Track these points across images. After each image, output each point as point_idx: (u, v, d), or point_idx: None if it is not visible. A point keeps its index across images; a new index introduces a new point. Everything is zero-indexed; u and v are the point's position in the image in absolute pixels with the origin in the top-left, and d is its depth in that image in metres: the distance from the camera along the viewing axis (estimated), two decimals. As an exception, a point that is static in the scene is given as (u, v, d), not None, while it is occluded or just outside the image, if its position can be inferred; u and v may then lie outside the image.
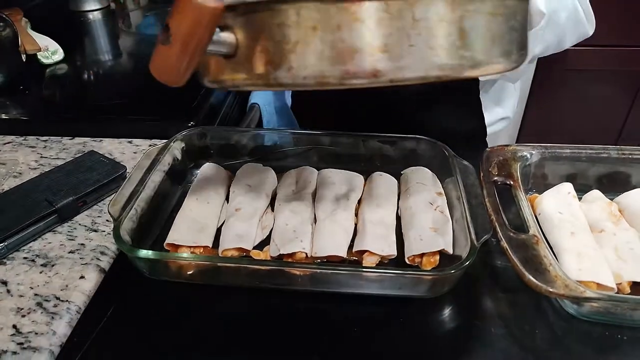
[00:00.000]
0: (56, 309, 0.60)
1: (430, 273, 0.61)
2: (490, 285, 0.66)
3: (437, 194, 0.75)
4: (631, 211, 0.72)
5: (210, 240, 0.70)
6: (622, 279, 0.62)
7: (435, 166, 0.81)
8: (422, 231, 0.68)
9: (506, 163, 0.75)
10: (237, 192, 0.77)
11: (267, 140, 0.88)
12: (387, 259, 0.67)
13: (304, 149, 0.88)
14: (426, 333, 0.60)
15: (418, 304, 0.63)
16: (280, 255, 0.66)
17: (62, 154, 0.89)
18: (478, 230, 0.63)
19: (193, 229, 0.69)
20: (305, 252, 0.66)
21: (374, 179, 0.80)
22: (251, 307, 0.64)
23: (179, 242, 0.67)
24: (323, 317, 0.62)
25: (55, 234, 0.71)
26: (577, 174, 0.79)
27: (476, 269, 0.68)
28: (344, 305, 0.63)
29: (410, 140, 0.83)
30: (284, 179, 0.81)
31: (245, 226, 0.70)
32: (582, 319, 0.60)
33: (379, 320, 0.62)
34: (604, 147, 0.78)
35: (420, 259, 0.66)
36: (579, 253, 0.64)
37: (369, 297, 0.64)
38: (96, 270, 0.65)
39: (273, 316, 0.63)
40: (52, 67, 1.22)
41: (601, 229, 0.69)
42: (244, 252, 0.68)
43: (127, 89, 1.15)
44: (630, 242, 0.66)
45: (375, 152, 0.86)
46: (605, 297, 0.56)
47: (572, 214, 0.71)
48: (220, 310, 0.64)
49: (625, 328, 0.60)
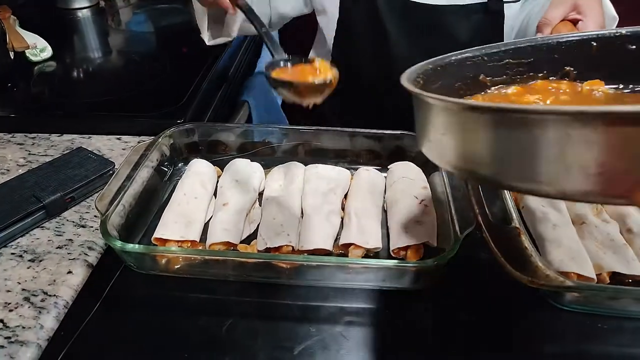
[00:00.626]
0: (43, 304, 0.60)
1: (414, 264, 0.62)
2: (474, 276, 0.67)
3: (423, 188, 0.76)
4: (612, 204, 0.74)
5: (198, 235, 0.70)
6: (602, 269, 0.63)
7: (421, 161, 0.82)
8: (407, 224, 0.69)
9: (490, 157, 0.76)
10: (225, 187, 0.77)
11: (255, 136, 0.89)
12: (373, 252, 0.68)
13: (292, 145, 0.88)
14: (410, 324, 0.61)
15: (403, 296, 0.64)
16: (267, 248, 0.67)
17: (50, 150, 0.89)
18: (462, 223, 0.64)
19: (181, 224, 0.70)
20: (292, 245, 0.67)
21: (361, 173, 0.80)
22: (239, 300, 0.64)
23: (166, 236, 0.67)
24: (310, 311, 0.62)
25: (43, 229, 0.71)
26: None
27: (460, 261, 0.69)
28: (331, 299, 0.64)
29: (396, 135, 0.84)
30: (271, 174, 0.82)
31: (233, 220, 0.70)
32: (564, 309, 0.62)
33: (365, 314, 0.62)
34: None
35: (405, 252, 0.67)
36: (560, 245, 0.65)
37: (355, 291, 0.65)
38: (84, 265, 0.66)
39: (260, 310, 0.63)
40: (40, 65, 1.22)
41: (582, 221, 0.70)
42: (231, 246, 0.68)
43: (116, 86, 1.15)
44: (611, 234, 0.68)
45: (362, 148, 0.87)
46: (585, 286, 0.57)
47: (554, 207, 0.72)
48: (208, 304, 0.64)
49: (606, 317, 0.61)
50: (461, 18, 0.92)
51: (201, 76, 1.14)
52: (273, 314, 0.62)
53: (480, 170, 0.42)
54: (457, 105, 0.42)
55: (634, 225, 0.69)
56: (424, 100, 0.44)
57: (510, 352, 0.59)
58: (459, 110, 0.42)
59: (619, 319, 0.61)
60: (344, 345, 0.58)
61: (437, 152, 0.46)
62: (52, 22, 1.53)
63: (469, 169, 0.43)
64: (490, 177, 0.41)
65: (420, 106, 0.46)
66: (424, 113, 0.46)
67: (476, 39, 0.95)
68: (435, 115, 0.44)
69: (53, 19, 1.57)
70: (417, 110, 0.47)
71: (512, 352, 0.59)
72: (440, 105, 0.43)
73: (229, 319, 0.61)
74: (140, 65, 1.24)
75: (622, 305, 0.60)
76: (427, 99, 0.43)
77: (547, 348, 0.59)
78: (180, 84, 1.10)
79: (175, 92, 1.06)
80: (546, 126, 0.34)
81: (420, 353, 0.58)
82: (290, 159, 0.86)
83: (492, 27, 0.94)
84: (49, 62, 1.24)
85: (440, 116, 0.44)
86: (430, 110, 0.45)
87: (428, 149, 0.47)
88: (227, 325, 0.60)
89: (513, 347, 0.59)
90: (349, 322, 0.61)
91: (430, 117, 0.45)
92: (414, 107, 0.48)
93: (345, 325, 0.61)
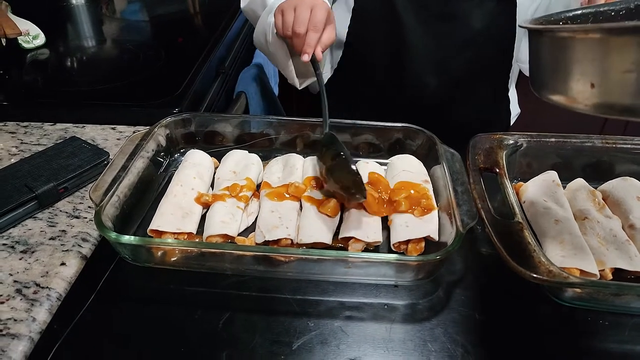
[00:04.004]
0: (36, 296, 0.58)
1: (416, 259, 0.61)
2: (476, 271, 0.66)
3: (424, 181, 0.74)
4: (614, 199, 0.73)
5: (195, 227, 0.69)
6: (604, 265, 0.62)
7: (422, 154, 0.81)
8: (407, 218, 0.68)
9: (492, 151, 0.75)
10: (222, 178, 0.76)
11: (253, 127, 0.87)
12: (373, 246, 0.67)
13: (291, 137, 0.87)
14: (410, 319, 0.60)
15: (403, 290, 0.63)
16: (265, 242, 0.66)
17: (43, 139, 0.87)
18: (464, 217, 0.63)
19: (177, 215, 0.68)
20: (291, 238, 0.66)
21: (361, 166, 0.79)
22: (237, 294, 0.63)
23: (162, 228, 0.66)
24: (309, 305, 0.61)
25: (36, 220, 0.70)
26: (562, 162, 0.79)
27: (462, 256, 0.68)
28: (330, 294, 0.63)
29: (397, 128, 0.82)
30: (269, 166, 0.80)
31: (231, 213, 0.69)
32: (566, 305, 0.61)
33: (364, 308, 0.61)
34: (588, 136, 0.78)
35: (405, 246, 0.66)
36: (562, 240, 0.65)
37: (354, 285, 0.64)
38: (77, 257, 0.64)
39: (258, 304, 0.62)
40: (33, 52, 1.19)
41: (585, 217, 0.69)
42: (228, 239, 0.67)
43: (110, 75, 1.12)
44: (614, 230, 0.67)
45: (362, 140, 0.86)
46: (588, 282, 0.57)
47: (556, 202, 0.71)
48: (205, 297, 0.63)
49: (607, 313, 0.61)
50: (474, 5, 0.92)
51: (197, 66, 1.12)
52: (271, 308, 0.61)
53: None
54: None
55: (636, 221, 0.68)
56: (587, 37, 0.42)
57: (511, 347, 0.58)
58: None
59: (619, 315, 0.60)
60: (344, 340, 0.57)
61: (610, 95, 0.43)
62: (45, 9, 1.50)
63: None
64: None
65: (575, 46, 0.44)
66: (584, 54, 0.43)
67: (491, 26, 0.94)
68: (614, 50, 0.41)
69: (46, 5, 1.54)
70: (553, 51, 0.46)
71: (513, 347, 0.58)
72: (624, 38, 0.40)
73: (226, 312, 0.60)
74: (135, 55, 1.22)
75: (624, 302, 0.59)
76: (595, 33, 0.42)
77: (548, 343, 0.58)
78: (176, 74, 1.08)
79: (171, 82, 1.04)
80: None
81: (420, 349, 0.57)
82: (288, 151, 0.85)
83: (505, 14, 0.94)
84: (42, 50, 1.22)
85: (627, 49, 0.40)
86: (597, 47, 0.42)
87: (562, 92, 0.45)
88: (224, 319, 0.59)
89: (514, 342, 0.59)
90: (348, 316, 0.60)
91: (606, 55, 0.42)
92: (541, 53, 0.47)
93: (344, 320, 0.60)
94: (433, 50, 0.97)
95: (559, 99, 0.46)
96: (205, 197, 0.71)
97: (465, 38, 0.96)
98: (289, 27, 0.77)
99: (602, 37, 0.42)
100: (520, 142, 0.78)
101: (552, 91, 0.47)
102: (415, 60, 0.98)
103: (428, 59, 0.98)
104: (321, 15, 0.76)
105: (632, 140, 0.78)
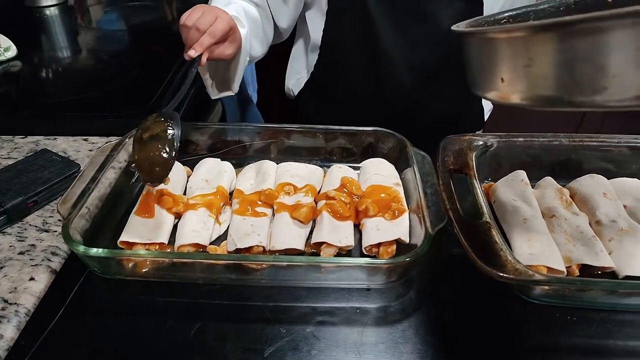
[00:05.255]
0: (4, 313, 0.58)
1: (385, 262, 0.61)
2: (447, 272, 0.67)
3: (395, 184, 0.75)
4: (581, 196, 0.74)
5: (166, 237, 0.68)
6: (571, 262, 0.63)
7: (394, 157, 0.81)
8: (378, 221, 0.69)
9: (462, 152, 0.76)
10: (195, 187, 0.76)
11: (227, 135, 0.87)
12: (345, 250, 0.68)
13: (264, 144, 0.87)
14: (382, 322, 0.60)
15: (376, 293, 0.64)
16: (237, 249, 0.66)
17: (13, 153, 0.86)
18: (433, 218, 0.64)
19: (148, 226, 0.68)
20: (263, 245, 0.66)
21: (333, 171, 0.80)
22: (208, 303, 0.63)
23: (132, 239, 0.65)
24: (281, 312, 0.61)
25: (5, 235, 0.69)
26: (531, 161, 0.81)
27: (434, 257, 0.68)
28: (303, 299, 0.63)
29: (368, 132, 0.83)
30: (242, 173, 0.80)
31: (202, 221, 0.69)
32: (535, 302, 0.62)
33: (336, 313, 0.62)
34: (555, 135, 0.80)
35: (377, 249, 0.67)
36: (530, 238, 0.66)
37: (327, 290, 0.64)
38: (47, 272, 0.64)
39: (230, 312, 0.62)
40: (4, 65, 1.18)
41: (552, 215, 0.70)
42: (200, 248, 0.67)
43: (84, 85, 1.11)
44: (580, 226, 0.68)
45: (335, 145, 0.86)
46: (553, 279, 0.58)
47: (525, 201, 0.72)
48: (176, 307, 0.62)
49: (575, 309, 0.62)
50: (444, 6, 0.93)
51: (172, 74, 1.12)
52: (243, 316, 0.61)
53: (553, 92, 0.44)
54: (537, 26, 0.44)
55: (602, 217, 0.69)
56: (493, 37, 0.47)
57: (482, 346, 0.59)
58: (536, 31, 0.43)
59: (587, 311, 0.61)
60: (315, 346, 0.57)
61: (516, 88, 0.47)
62: (17, 21, 1.49)
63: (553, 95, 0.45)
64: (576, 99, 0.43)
65: (486, 46, 0.49)
66: (492, 53, 0.48)
67: None
68: (519, 47, 0.45)
69: (19, 17, 1.53)
70: (481, 52, 0.50)
71: (483, 346, 0.59)
72: (523, 34, 0.45)
73: (197, 322, 0.60)
74: (110, 64, 1.21)
75: (591, 297, 0.60)
76: (498, 33, 0.47)
77: (518, 341, 0.59)
78: (150, 83, 1.08)
79: (146, 91, 1.04)
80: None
81: (392, 351, 0.57)
82: (262, 158, 0.85)
83: (473, 14, 0.95)
84: (14, 62, 1.20)
85: (533, 45, 0.44)
86: (505, 45, 0.47)
87: (495, 89, 0.49)
88: (195, 328, 0.59)
89: (484, 341, 0.59)
90: (320, 322, 0.61)
91: (508, 53, 0.46)
92: (470, 55, 0.51)
93: (316, 325, 0.60)
94: (406, 51, 0.99)
95: (489, 96, 0.50)
96: (176, 207, 0.71)
97: (437, 38, 0.97)
98: (191, 20, 0.78)
99: (500, 38, 0.47)
100: (490, 142, 0.79)
101: (481, 89, 0.51)
102: (389, 61, 0.99)
103: (401, 59, 0.99)
104: (221, 26, 0.79)
105: (598, 138, 0.79)
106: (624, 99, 0.41)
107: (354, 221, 0.71)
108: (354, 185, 0.75)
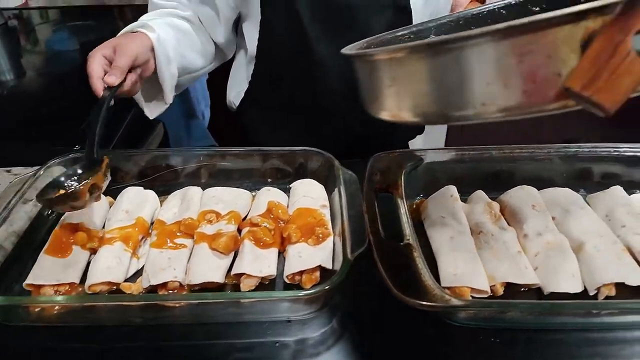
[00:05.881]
0: None
1: (292, 294, 0.59)
2: (370, 297, 0.64)
3: (322, 207, 0.73)
4: (511, 209, 0.73)
5: (78, 276, 0.65)
6: (495, 280, 0.62)
7: (324, 176, 0.79)
8: (302, 247, 0.66)
9: (390, 171, 0.75)
10: (114, 219, 0.72)
11: (155, 161, 0.84)
12: (268, 280, 0.65)
13: (195, 168, 0.84)
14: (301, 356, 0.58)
15: (297, 325, 0.61)
16: (152, 286, 0.62)
17: None
18: (353, 243, 0.62)
19: (59, 265, 0.64)
20: (179, 280, 0.63)
21: (261, 195, 0.77)
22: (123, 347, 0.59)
23: (39, 281, 0.62)
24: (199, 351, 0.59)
25: None
26: (464, 175, 0.79)
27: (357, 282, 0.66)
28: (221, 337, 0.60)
29: (298, 152, 0.81)
30: (167, 201, 0.77)
31: (118, 257, 0.66)
32: (458, 325, 0.60)
33: (256, 348, 0.59)
34: (485, 147, 0.79)
35: (300, 277, 0.65)
36: (455, 257, 0.64)
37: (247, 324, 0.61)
38: (-55, 321, 0.60)
39: (144, 354, 0.59)
40: None
41: (480, 231, 0.69)
42: (114, 286, 0.64)
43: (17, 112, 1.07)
44: (507, 242, 0.67)
45: (269, 166, 0.84)
46: (470, 303, 0.56)
47: (454, 217, 0.71)
48: (90, 352, 0.59)
49: (502, 330, 0.60)
50: (374, 15, 0.93)
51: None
52: (159, 358, 0.58)
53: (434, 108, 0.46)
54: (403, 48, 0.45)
55: (529, 231, 0.68)
56: (369, 58, 0.50)
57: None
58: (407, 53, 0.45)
59: (512, 331, 0.60)
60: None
61: (392, 105, 0.49)
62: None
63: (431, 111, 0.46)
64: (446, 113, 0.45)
65: (369, 67, 0.51)
66: (375, 73, 0.50)
67: None
68: (395, 67, 0.47)
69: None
70: (367, 73, 0.52)
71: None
72: (389, 56, 0.47)
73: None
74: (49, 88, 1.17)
75: (513, 318, 0.59)
76: (374, 54, 0.50)
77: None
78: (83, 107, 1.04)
79: (78, 116, 1.00)
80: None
81: (310, 387, 0.55)
82: (193, 183, 0.82)
83: (403, 22, 0.95)
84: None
85: (407, 64, 0.46)
86: (382, 64, 0.48)
87: (384, 108, 0.51)
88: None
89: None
90: (239, 358, 0.58)
91: (387, 73, 0.48)
92: (359, 77, 0.53)
93: (237, 361, 0.57)
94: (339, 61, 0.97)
95: (383, 116, 0.52)
96: (91, 242, 0.68)
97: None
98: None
99: (380, 59, 0.49)
100: (419, 158, 0.77)
101: (373, 110, 0.53)
102: (324, 69, 0.98)
103: (335, 69, 0.98)
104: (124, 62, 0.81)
105: (528, 149, 0.79)
106: (497, 111, 0.42)
107: (279, 248, 0.69)
108: (280, 209, 0.73)
